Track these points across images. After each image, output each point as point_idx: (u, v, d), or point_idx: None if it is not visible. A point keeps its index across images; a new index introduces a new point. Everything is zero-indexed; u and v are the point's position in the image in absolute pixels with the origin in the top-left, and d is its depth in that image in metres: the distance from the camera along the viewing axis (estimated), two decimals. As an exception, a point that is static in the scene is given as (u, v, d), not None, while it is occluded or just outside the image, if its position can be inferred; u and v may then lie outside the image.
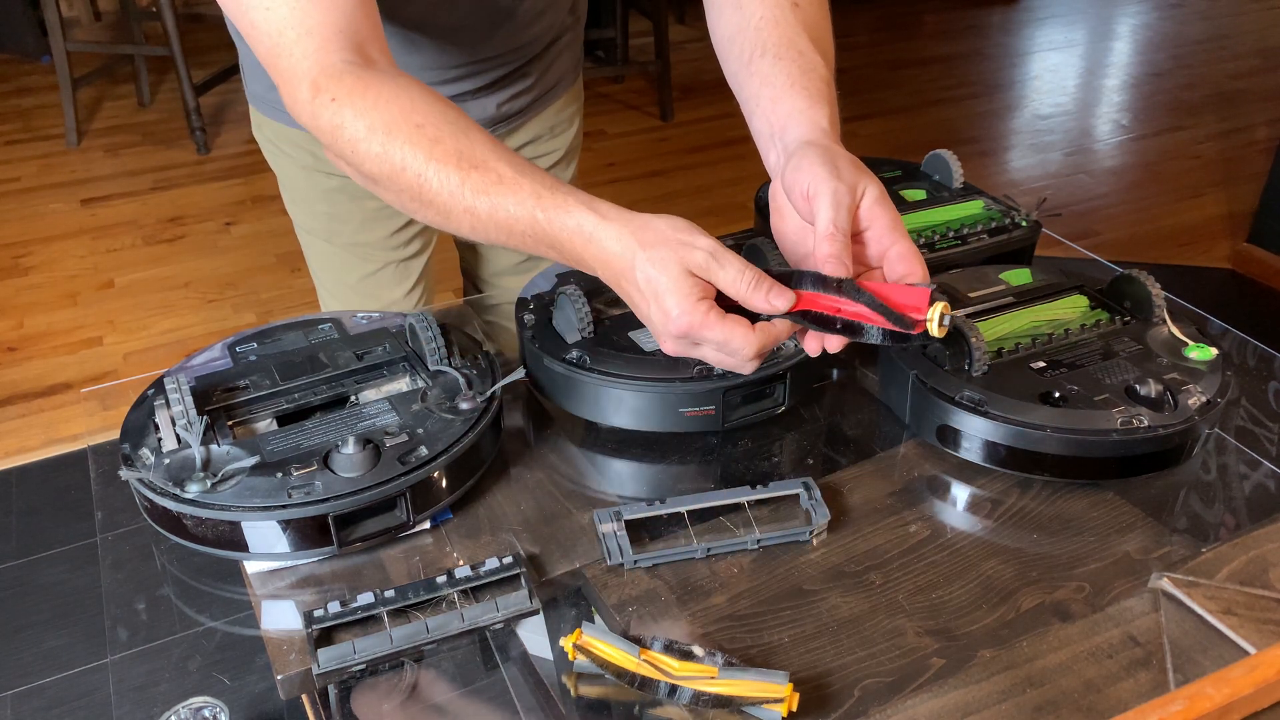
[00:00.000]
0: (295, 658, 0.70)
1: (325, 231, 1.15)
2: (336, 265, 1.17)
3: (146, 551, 0.82)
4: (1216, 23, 4.71)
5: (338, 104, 0.72)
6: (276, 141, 1.12)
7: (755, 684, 0.65)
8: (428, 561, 0.78)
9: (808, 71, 0.77)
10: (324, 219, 1.14)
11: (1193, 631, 0.72)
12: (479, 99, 1.08)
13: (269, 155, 1.15)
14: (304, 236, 1.18)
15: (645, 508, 0.80)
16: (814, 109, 0.75)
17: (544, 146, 1.20)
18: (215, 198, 3.10)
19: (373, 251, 1.16)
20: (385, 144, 0.71)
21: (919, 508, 0.84)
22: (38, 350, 2.43)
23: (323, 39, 0.73)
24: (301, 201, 1.15)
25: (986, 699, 0.67)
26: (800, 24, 0.79)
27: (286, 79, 0.74)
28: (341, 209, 1.13)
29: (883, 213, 0.70)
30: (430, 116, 0.71)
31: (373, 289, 1.17)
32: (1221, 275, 2.78)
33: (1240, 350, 1.04)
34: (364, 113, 0.71)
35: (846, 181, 0.68)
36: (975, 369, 0.86)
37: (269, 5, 0.73)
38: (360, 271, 1.16)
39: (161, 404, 0.83)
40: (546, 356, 0.89)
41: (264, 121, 1.12)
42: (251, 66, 1.08)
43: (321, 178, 1.11)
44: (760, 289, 0.66)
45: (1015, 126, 3.68)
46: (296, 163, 1.12)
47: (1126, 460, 0.82)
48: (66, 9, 4.04)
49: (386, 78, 0.73)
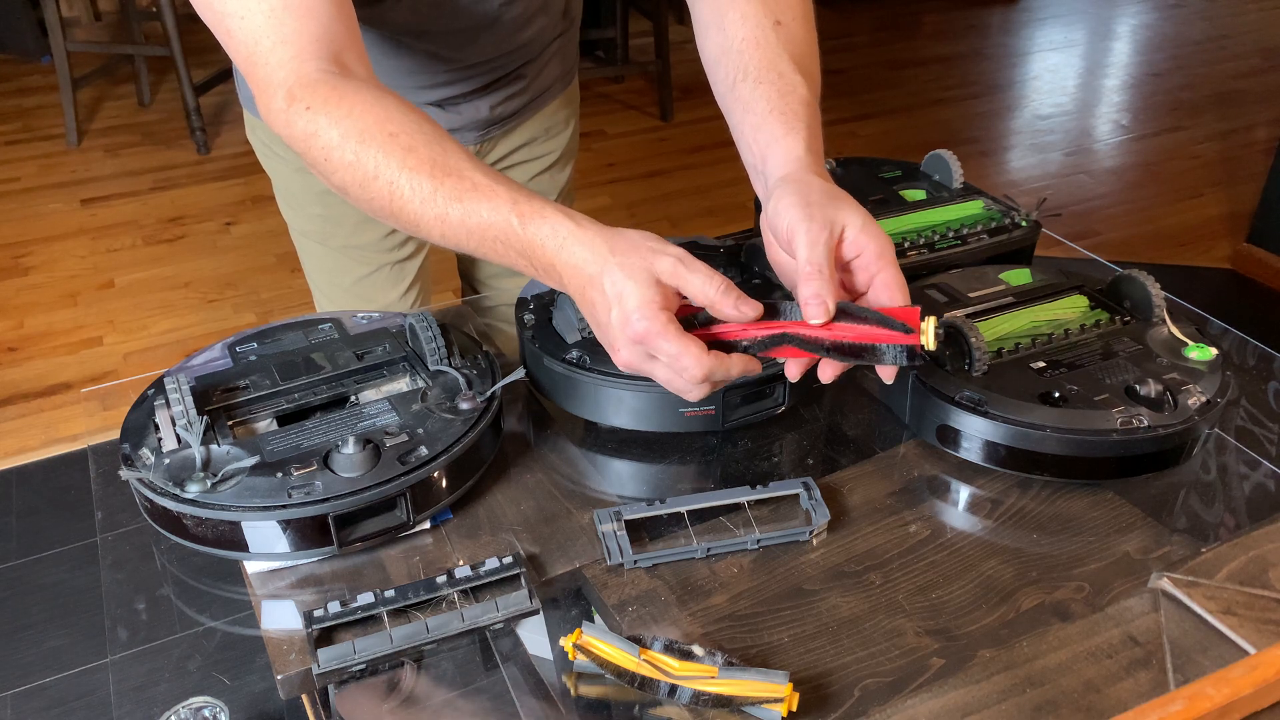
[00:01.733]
0: (295, 658, 0.70)
1: (320, 234, 1.15)
2: (331, 268, 1.17)
3: (146, 551, 0.82)
4: (1216, 23, 4.71)
5: (312, 112, 0.71)
6: (270, 144, 1.12)
7: (755, 684, 0.65)
8: (428, 561, 0.78)
9: (786, 94, 0.76)
10: (318, 221, 1.14)
11: (1193, 631, 0.72)
12: (471, 101, 1.08)
13: (263, 158, 1.15)
14: (299, 239, 1.18)
15: (645, 508, 0.80)
16: (789, 137, 0.75)
17: (539, 149, 1.20)
18: (215, 198, 3.10)
19: (367, 254, 1.15)
20: (358, 151, 0.70)
21: (919, 508, 0.84)
22: (38, 350, 2.43)
23: (298, 48, 0.73)
24: (296, 204, 1.15)
25: (986, 699, 0.67)
26: (782, 44, 0.79)
27: (262, 87, 0.74)
28: (335, 211, 1.13)
29: (868, 241, 0.69)
30: (405, 126, 0.71)
31: (368, 291, 1.17)
32: (1221, 275, 2.78)
33: (1240, 350, 1.04)
34: (338, 121, 0.71)
35: (819, 219, 0.68)
36: (975, 369, 0.86)
37: (244, 14, 0.73)
38: (355, 274, 1.16)
39: (161, 404, 0.83)
40: (546, 356, 0.89)
41: (257, 124, 1.12)
42: None
43: (315, 180, 1.10)
44: (729, 295, 0.65)
45: (1015, 126, 3.68)
46: (290, 165, 1.12)
47: (1126, 460, 0.82)
48: (66, 9, 4.04)
49: (362, 87, 0.73)
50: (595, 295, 0.68)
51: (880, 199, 1.15)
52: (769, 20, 0.79)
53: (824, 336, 0.65)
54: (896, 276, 0.69)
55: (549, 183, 1.24)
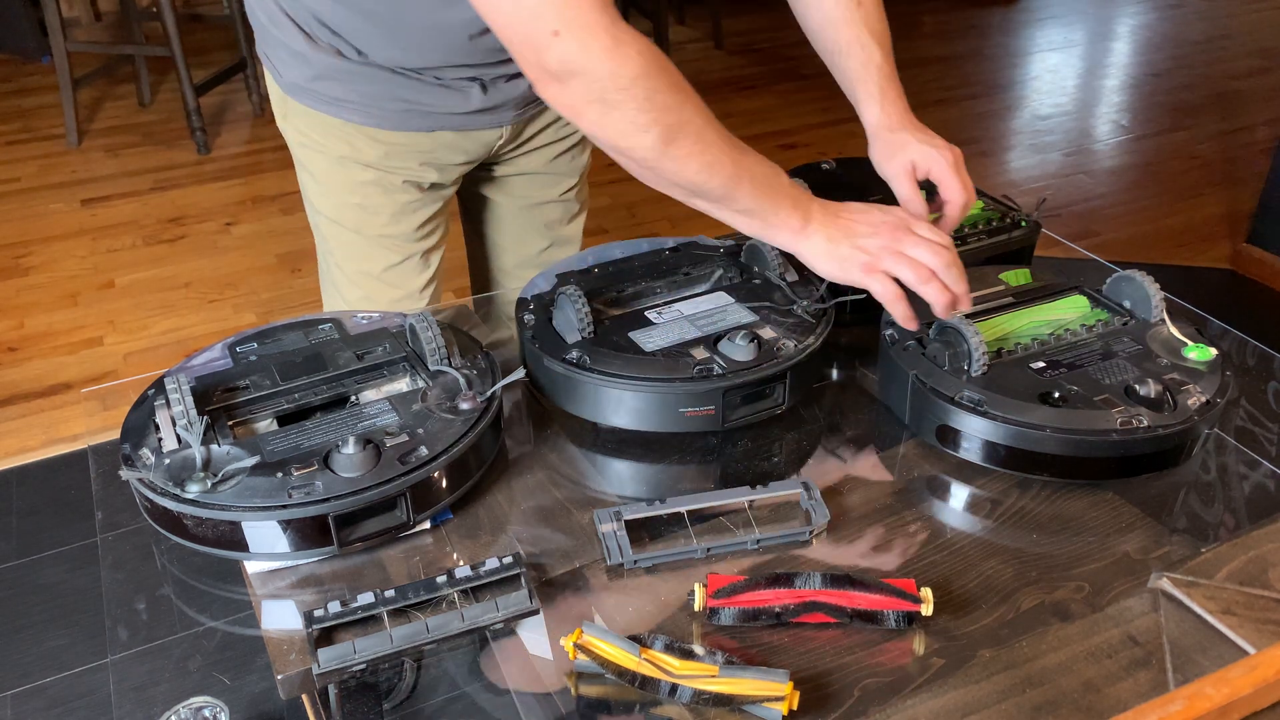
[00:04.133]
0: (295, 658, 0.70)
1: (355, 223, 1.16)
2: (362, 255, 1.18)
3: (147, 551, 0.82)
4: (1216, 23, 4.71)
5: (643, 58, 0.81)
6: (308, 132, 1.12)
7: (755, 683, 0.65)
8: (428, 561, 0.78)
9: (866, 64, 0.99)
10: (355, 210, 1.15)
11: (1192, 631, 0.72)
12: (512, 81, 1.09)
13: (297, 147, 1.15)
14: (330, 228, 1.18)
15: (645, 508, 0.80)
16: (868, 103, 1.00)
17: (563, 129, 1.23)
18: (215, 198, 3.10)
19: (399, 243, 1.18)
20: (681, 101, 0.84)
21: (919, 508, 0.84)
22: (38, 350, 2.43)
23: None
24: (332, 193, 1.15)
25: (986, 699, 0.67)
26: (862, 20, 0.99)
27: (578, 29, 0.78)
28: (374, 201, 1.14)
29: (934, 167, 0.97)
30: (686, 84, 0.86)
31: (396, 278, 1.19)
32: (1221, 275, 2.78)
33: (1240, 350, 1.04)
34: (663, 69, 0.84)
35: (892, 172, 0.99)
36: (975, 369, 0.86)
37: None
38: (386, 261, 1.18)
39: (162, 404, 0.83)
40: (546, 356, 0.89)
41: (299, 111, 1.12)
42: (290, 57, 1.07)
43: (358, 169, 1.12)
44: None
45: (1015, 126, 3.68)
46: (329, 154, 1.12)
47: (1126, 460, 0.82)
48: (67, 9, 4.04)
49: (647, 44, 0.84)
50: (851, 212, 0.90)
51: (880, 199, 1.15)
52: (853, 2, 1.00)
53: (845, 604, 0.72)
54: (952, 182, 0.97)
55: (569, 165, 1.26)
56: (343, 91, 1.06)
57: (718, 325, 0.93)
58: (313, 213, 1.20)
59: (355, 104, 1.07)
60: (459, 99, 1.08)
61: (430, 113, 1.08)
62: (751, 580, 0.73)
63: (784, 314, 0.94)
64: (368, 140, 1.10)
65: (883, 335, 0.93)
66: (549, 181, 1.26)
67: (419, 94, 1.06)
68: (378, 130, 1.09)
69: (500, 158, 1.21)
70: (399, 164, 1.12)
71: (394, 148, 1.10)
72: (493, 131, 1.14)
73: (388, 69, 1.04)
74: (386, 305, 1.19)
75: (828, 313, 0.95)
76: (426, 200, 1.17)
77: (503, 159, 1.22)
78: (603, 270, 1.02)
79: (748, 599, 0.72)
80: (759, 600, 0.72)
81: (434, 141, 1.11)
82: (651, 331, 0.92)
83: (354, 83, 1.05)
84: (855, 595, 0.72)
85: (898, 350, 0.91)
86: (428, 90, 1.06)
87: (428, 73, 1.05)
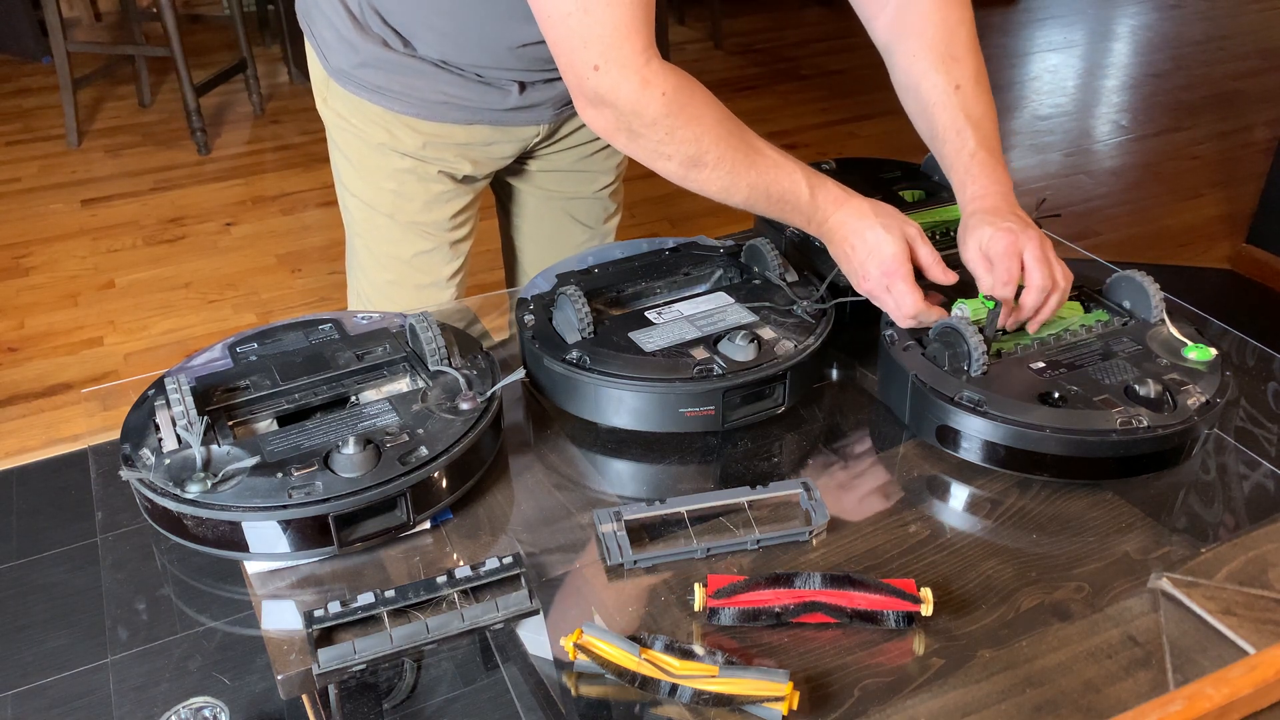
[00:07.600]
0: (295, 658, 0.70)
1: (390, 208, 1.18)
2: (395, 240, 1.20)
3: (147, 551, 0.82)
4: (1216, 23, 4.71)
5: (667, 99, 0.86)
6: (348, 116, 1.14)
7: (755, 683, 0.65)
8: (428, 561, 0.78)
9: (959, 150, 1.00)
10: (390, 196, 1.17)
11: (1192, 631, 0.72)
12: (551, 82, 1.12)
13: (335, 130, 1.17)
14: (364, 212, 1.20)
15: (645, 508, 0.80)
16: (959, 191, 0.99)
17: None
18: (216, 198, 3.10)
19: (432, 230, 1.19)
20: (700, 135, 0.89)
21: (919, 508, 0.84)
22: (38, 350, 2.43)
23: (647, 36, 0.86)
24: (369, 177, 1.17)
25: (986, 699, 0.67)
26: (959, 106, 1.00)
27: (616, 66, 0.85)
28: (409, 188, 1.16)
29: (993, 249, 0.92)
30: (723, 114, 0.91)
31: (425, 264, 1.21)
32: (1221, 275, 2.78)
33: (1240, 350, 1.04)
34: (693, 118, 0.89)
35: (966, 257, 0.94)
36: (974, 369, 0.86)
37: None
38: (417, 248, 1.20)
39: (162, 404, 0.83)
40: (546, 356, 0.89)
41: (341, 96, 1.13)
42: (336, 41, 1.09)
43: (395, 157, 1.14)
44: (940, 266, 0.92)
45: (1015, 127, 3.68)
46: (368, 140, 1.14)
47: (1126, 460, 0.82)
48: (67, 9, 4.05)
49: (694, 85, 0.90)
50: (856, 242, 0.91)
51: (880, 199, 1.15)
52: (950, 86, 1.01)
53: (845, 604, 0.72)
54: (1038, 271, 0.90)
55: (603, 163, 1.28)
56: (385, 80, 1.08)
57: (717, 325, 0.93)
58: (346, 195, 1.21)
59: (397, 93, 1.09)
60: (498, 96, 1.10)
61: (469, 107, 1.10)
62: (751, 580, 0.73)
63: (784, 314, 0.94)
64: (407, 129, 1.11)
65: (882, 335, 0.93)
66: (582, 179, 1.27)
67: (460, 89, 1.09)
68: (417, 120, 1.11)
69: (535, 153, 1.22)
70: (435, 155, 1.14)
71: (432, 138, 1.12)
72: (530, 128, 1.16)
73: (432, 63, 1.07)
74: (413, 291, 1.21)
75: (828, 313, 0.95)
76: (460, 191, 1.18)
77: (538, 154, 1.23)
78: (603, 270, 1.02)
79: (747, 599, 0.72)
80: (759, 600, 0.72)
81: (471, 135, 1.13)
82: (651, 332, 0.92)
83: (397, 73, 1.08)
84: (855, 595, 0.72)
85: (897, 350, 0.91)
86: (469, 86, 1.08)
87: (470, 70, 1.07)
